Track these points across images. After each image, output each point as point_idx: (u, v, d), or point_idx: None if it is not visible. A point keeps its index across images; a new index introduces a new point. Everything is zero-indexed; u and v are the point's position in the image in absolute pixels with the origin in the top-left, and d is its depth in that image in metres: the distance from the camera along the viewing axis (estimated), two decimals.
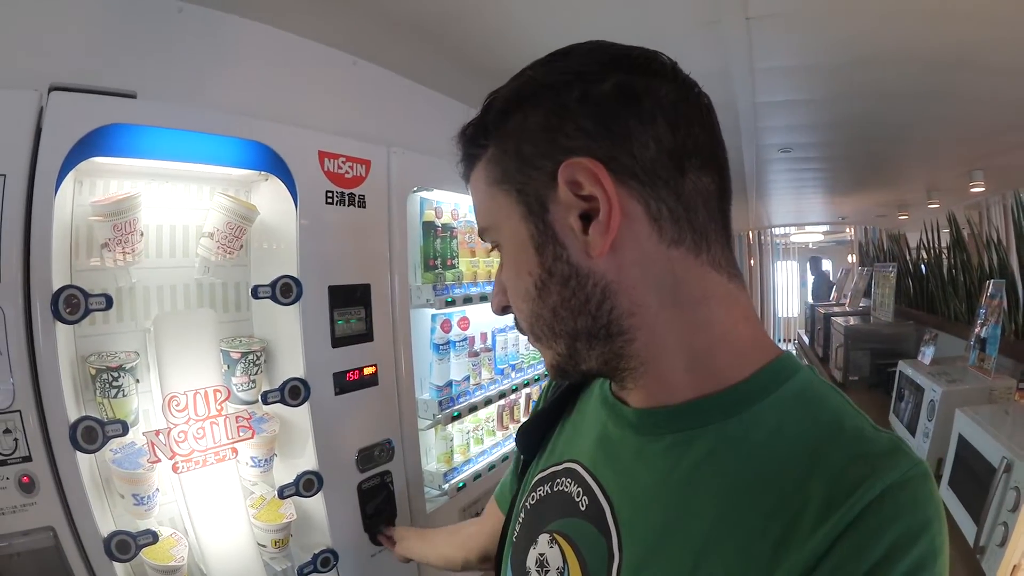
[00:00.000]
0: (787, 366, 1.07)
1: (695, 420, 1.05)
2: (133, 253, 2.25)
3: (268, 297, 2.44)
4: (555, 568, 1.17)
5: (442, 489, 3.35)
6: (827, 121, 6.49)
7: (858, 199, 13.94)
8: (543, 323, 1.11)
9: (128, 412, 2.26)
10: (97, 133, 2.02)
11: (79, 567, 2.00)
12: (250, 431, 2.40)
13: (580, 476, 1.22)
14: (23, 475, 1.91)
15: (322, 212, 2.63)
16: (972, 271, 4.96)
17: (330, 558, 2.61)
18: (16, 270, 1.89)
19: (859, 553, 0.84)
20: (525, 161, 1.05)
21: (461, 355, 3.54)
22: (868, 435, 0.95)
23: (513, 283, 1.14)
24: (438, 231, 3.38)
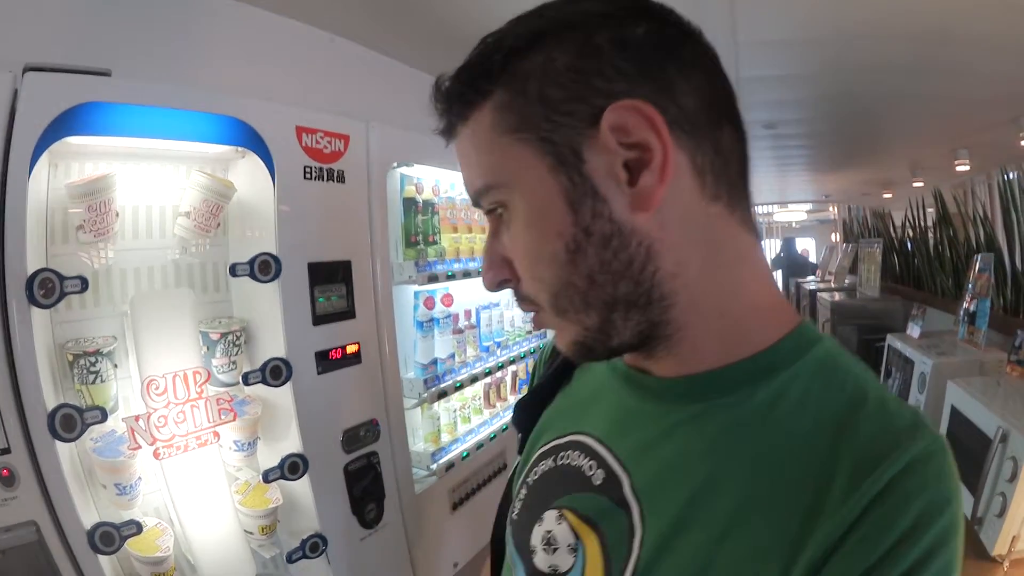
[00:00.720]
0: (810, 333, 1.02)
1: (723, 388, 1.00)
2: (108, 234, 2.20)
3: (247, 275, 2.40)
4: (566, 545, 1.09)
5: (430, 470, 3.33)
6: (811, 96, 6.49)
7: (842, 177, 14.05)
8: (574, 293, 0.97)
9: (107, 398, 2.22)
10: (72, 112, 1.98)
11: (64, 562, 1.96)
12: (232, 413, 2.36)
13: (591, 448, 1.15)
14: (3, 468, 1.87)
15: (300, 187, 2.59)
16: (959, 246, 4.99)
17: (319, 543, 2.58)
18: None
19: (888, 523, 0.81)
20: (552, 106, 0.93)
21: (445, 332, 3.51)
22: (892, 407, 0.92)
23: (532, 249, 1.00)
24: (419, 207, 3.34)
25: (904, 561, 0.79)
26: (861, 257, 6.62)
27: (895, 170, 12.16)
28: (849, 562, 0.81)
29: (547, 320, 1.05)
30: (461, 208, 3.71)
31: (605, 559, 1.03)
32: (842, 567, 0.81)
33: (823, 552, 0.82)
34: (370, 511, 2.82)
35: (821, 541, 0.83)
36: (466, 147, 1.04)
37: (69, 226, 2.20)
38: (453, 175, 3.69)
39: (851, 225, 9.79)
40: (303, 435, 2.54)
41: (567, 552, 1.08)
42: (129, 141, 2.25)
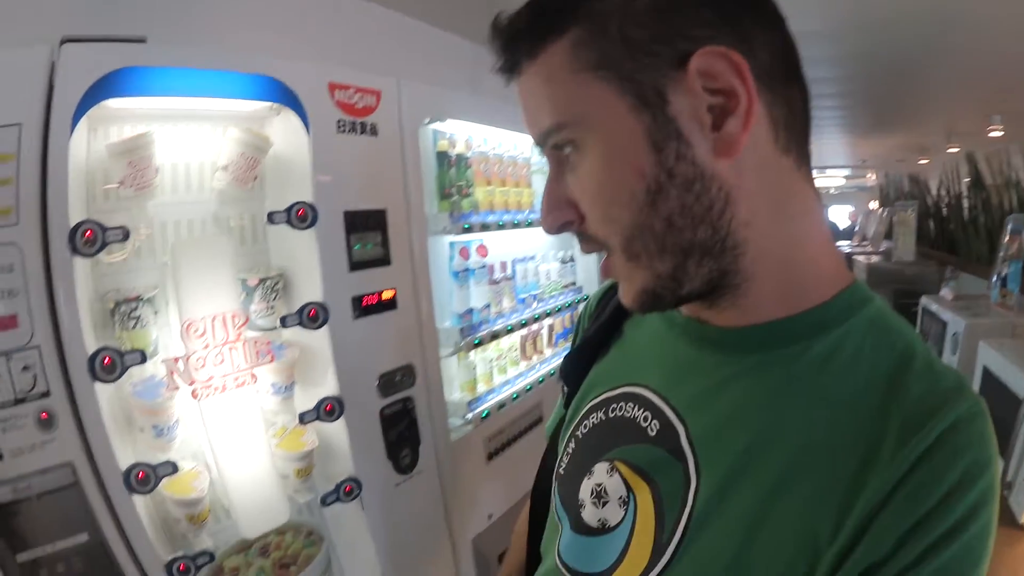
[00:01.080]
0: (864, 292, 1.05)
1: (782, 340, 1.02)
2: (149, 188, 2.24)
3: (284, 222, 2.42)
4: (616, 498, 1.12)
5: (466, 419, 3.34)
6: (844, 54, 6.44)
7: (878, 141, 13.93)
8: (650, 236, 0.97)
9: (147, 343, 2.25)
10: (109, 77, 2.01)
11: (99, 503, 1.99)
12: (269, 356, 2.37)
13: (646, 399, 1.16)
14: (42, 411, 1.90)
15: (334, 140, 2.60)
16: (992, 211, 4.94)
17: (353, 487, 2.60)
18: (33, 211, 1.90)
19: (935, 479, 0.84)
20: (634, 45, 0.93)
21: (481, 283, 3.52)
22: (938, 368, 0.95)
23: (607, 189, 0.99)
24: (452, 161, 3.35)
25: (949, 518, 0.82)
26: (896, 221, 6.57)
27: (930, 136, 12.07)
28: (898, 516, 0.84)
29: (616, 265, 1.05)
30: (494, 162, 3.70)
31: (657, 512, 1.05)
32: (891, 521, 0.84)
33: (873, 506, 0.85)
34: (405, 456, 2.84)
35: (871, 495, 0.85)
36: (534, 84, 1.03)
37: (109, 188, 2.24)
38: (485, 130, 3.69)
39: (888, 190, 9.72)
40: (339, 378, 2.55)
41: (618, 505, 1.11)
42: (166, 103, 2.28)
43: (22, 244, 1.88)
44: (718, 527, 0.97)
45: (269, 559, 2.54)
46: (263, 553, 2.58)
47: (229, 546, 2.56)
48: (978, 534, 0.83)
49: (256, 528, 2.43)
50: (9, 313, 1.87)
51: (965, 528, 0.82)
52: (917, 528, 0.83)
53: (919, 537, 0.82)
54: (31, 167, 1.89)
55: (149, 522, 2.18)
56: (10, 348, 1.87)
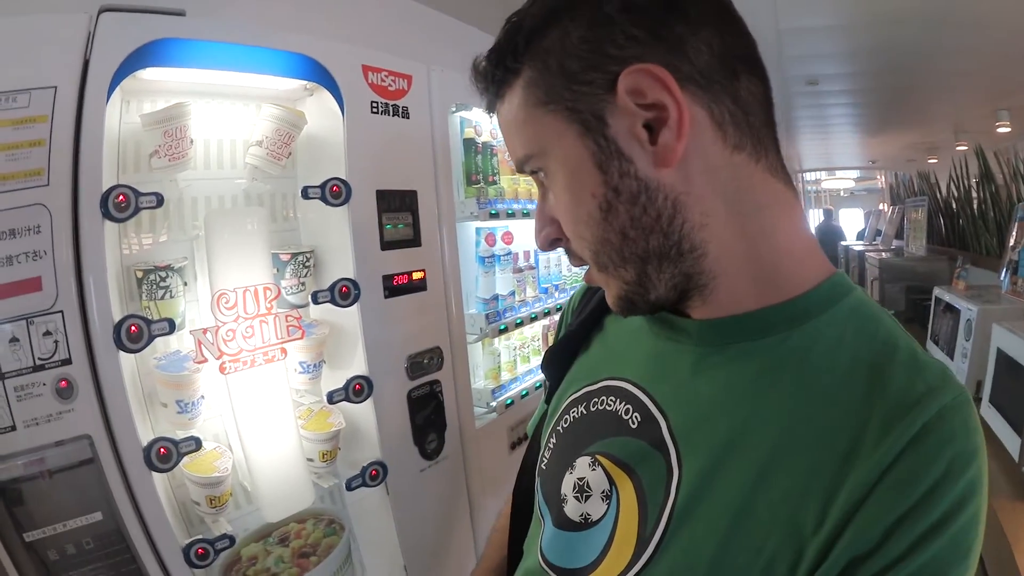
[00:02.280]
0: (844, 283, 1.07)
1: (760, 331, 1.04)
2: (183, 159, 2.19)
3: (318, 198, 2.39)
4: (599, 491, 1.14)
5: (490, 406, 3.32)
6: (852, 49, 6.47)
7: (887, 141, 14.00)
8: (610, 248, 1.04)
9: (175, 314, 2.21)
10: (146, 48, 2.00)
11: (116, 480, 1.93)
12: (300, 331, 2.33)
13: (628, 392, 1.18)
14: (61, 379, 1.84)
15: (368, 120, 2.59)
16: (1001, 204, 4.97)
17: (379, 471, 2.56)
18: (65, 174, 1.86)
19: (920, 469, 0.85)
20: (572, 77, 0.99)
21: (506, 270, 3.51)
22: (921, 357, 0.96)
23: (571, 210, 1.06)
24: (478, 148, 3.35)
25: (935, 511, 0.83)
26: (907, 216, 6.60)
27: (938, 134, 12.18)
28: (883, 507, 0.84)
29: (594, 276, 1.12)
30: None
31: (640, 505, 1.07)
32: (877, 512, 0.85)
33: (858, 496, 0.86)
34: (431, 441, 2.80)
35: (855, 486, 0.86)
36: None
37: (141, 157, 2.21)
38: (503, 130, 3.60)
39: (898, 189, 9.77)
40: (368, 358, 2.52)
41: (600, 499, 1.13)
42: (201, 78, 2.26)
43: (51, 205, 1.83)
44: (702, 518, 0.98)
45: (288, 548, 2.50)
46: (283, 541, 2.53)
47: (249, 533, 2.51)
48: (966, 526, 0.84)
49: (279, 512, 2.39)
50: (33, 275, 1.82)
51: (953, 520, 0.83)
52: (903, 520, 0.83)
53: (906, 530, 0.83)
54: (65, 131, 1.85)
55: (167, 503, 2.13)
56: (32, 312, 1.82)
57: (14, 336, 1.79)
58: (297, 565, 2.43)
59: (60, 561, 1.86)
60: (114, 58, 1.91)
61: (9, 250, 1.79)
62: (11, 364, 1.79)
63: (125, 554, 1.94)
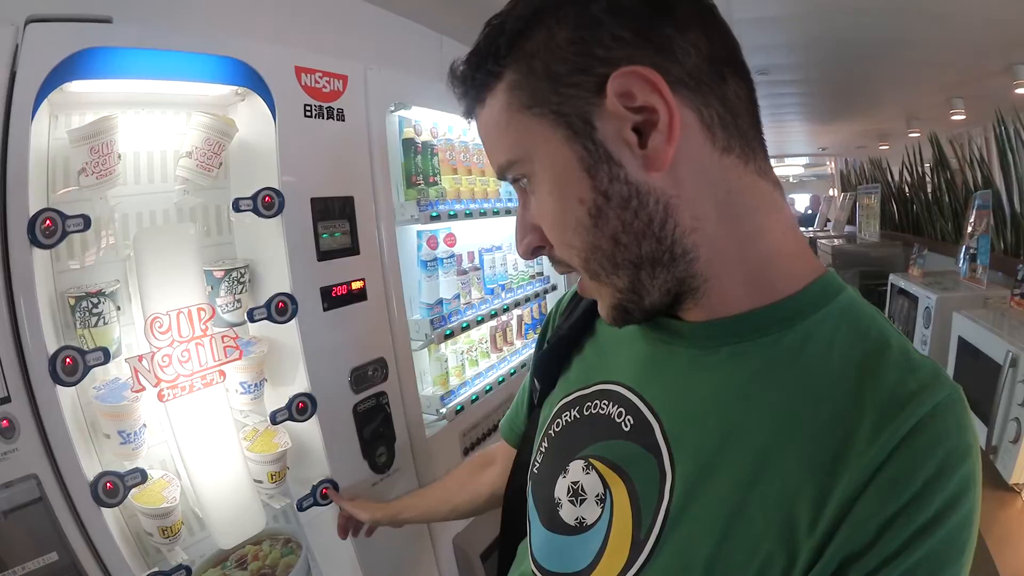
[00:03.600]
0: (835, 282, 1.07)
1: (752, 332, 1.04)
2: (111, 175, 2.14)
3: (250, 210, 2.34)
4: (593, 495, 1.14)
5: (440, 413, 3.29)
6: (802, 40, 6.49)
7: (838, 128, 14.10)
8: (601, 255, 1.03)
9: (110, 341, 2.15)
10: (73, 58, 1.93)
11: (67, 519, 1.88)
12: (237, 351, 2.28)
13: (620, 396, 1.18)
14: (3, 419, 1.79)
15: (301, 125, 2.54)
16: (956, 190, 5.09)
17: (330, 489, 2.52)
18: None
19: (913, 468, 0.85)
20: (558, 80, 0.98)
21: (450, 273, 3.49)
22: (914, 356, 0.96)
23: (558, 217, 1.04)
24: (418, 148, 3.31)
25: (929, 508, 0.84)
26: (860, 203, 6.66)
27: (891, 121, 12.24)
28: (877, 505, 0.85)
29: (586, 285, 1.12)
30: (460, 150, 3.69)
31: (634, 508, 1.07)
32: (870, 509, 0.85)
33: (851, 494, 0.86)
34: (381, 455, 2.77)
35: (849, 484, 0.87)
36: (486, 126, 1.10)
37: (70, 174, 2.13)
38: (450, 118, 3.67)
39: (848, 176, 9.85)
40: (310, 373, 2.48)
41: (595, 503, 1.13)
42: (129, 88, 2.20)
43: None
44: (696, 520, 0.99)
45: (248, 570, 2.47)
46: (240, 564, 2.50)
47: (205, 559, 2.47)
48: (960, 523, 0.85)
49: (233, 538, 2.34)
50: None
51: (947, 518, 0.84)
52: (896, 518, 0.84)
53: (900, 527, 0.84)
54: None
55: (121, 537, 2.08)
56: None
57: None
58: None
59: None
60: (40, 70, 1.86)
61: None
62: None
63: None
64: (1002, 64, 7.24)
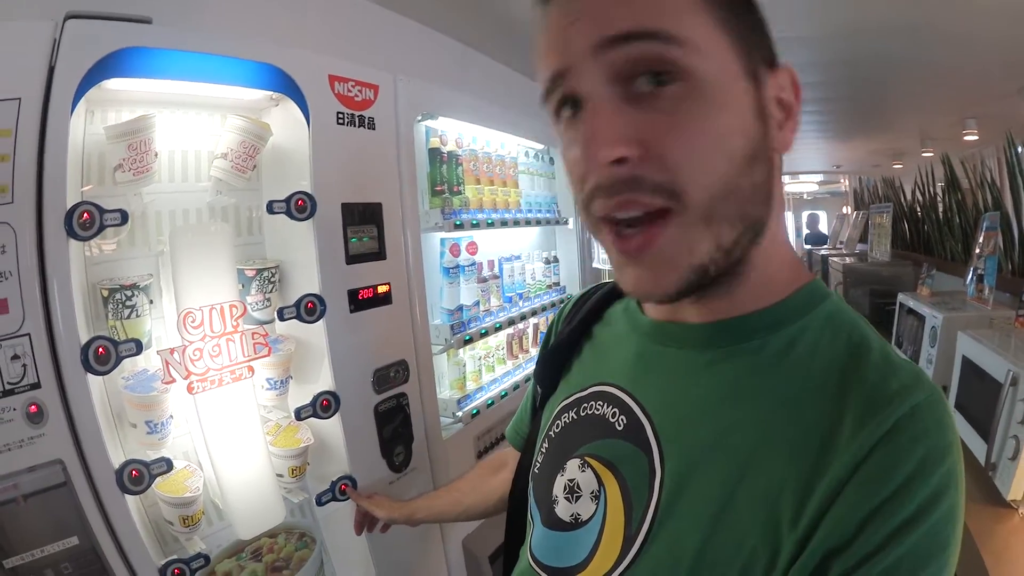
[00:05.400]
0: (821, 288, 1.09)
1: (743, 335, 1.05)
2: (147, 172, 2.16)
3: (283, 212, 2.35)
4: (588, 492, 1.15)
5: (456, 416, 3.31)
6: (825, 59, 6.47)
7: (853, 146, 14.07)
8: (735, 199, 0.93)
9: (142, 333, 2.17)
10: (112, 56, 1.94)
11: (89, 504, 1.88)
12: (266, 348, 2.30)
13: (614, 396, 1.19)
14: (31, 404, 1.79)
15: (333, 132, 2.55)
16: (967, 212, 5.07)
17: (348, 485, 2.52)
18: (29, 190, 1.79)
19: (892, 464, 0.86)
20: (754, 27, 0.98)
21: (470, 280, 3.50)
22: (894, 359, 0.97)
23: (712, 136, 0.90)
24: (443, 157, 3.33)
25: (909, 505, 0.84)
26: (872, 222, 6.63)
27: (905, 140, 12.22)
28: (857, 500, 0.85)
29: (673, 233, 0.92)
30: (483, 161, 3.70)
31: (626, 504, 1.08)
32: (850, 505, 0.86)
33: (832, 490, 0.87)
34: (399, 454, 2.78)
35: (830, 480, 0.88)
36: None
37: (106, 170, 2.15)
38: (475, 129, 3.69)
39: (862, 194, 9.81)
40: (335, 373, 2.49)
41: (589, 499, 1.14)
42: (165, 88, 2.21)
43: (16, 224, 1.77)
44: (683, 515, 0.99)
45: (262, 563, 2.49)
46: (255, 556, 2.52)
47: (222, 549, 2.49)
48: (942, 519, 0.85)
49: (252, 529, 2.35)
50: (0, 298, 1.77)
51: (928, 514, 0.84)
52: (876, 513, 0.84)
53: (880, 523, 0.84)
54: (29, 145, 1.78)
55: (141, 524, 2.09)
56: None
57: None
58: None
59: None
60: (80, 67, 1.86)
61: None
62: None
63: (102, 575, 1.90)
64: (1015, 85, 7.23)
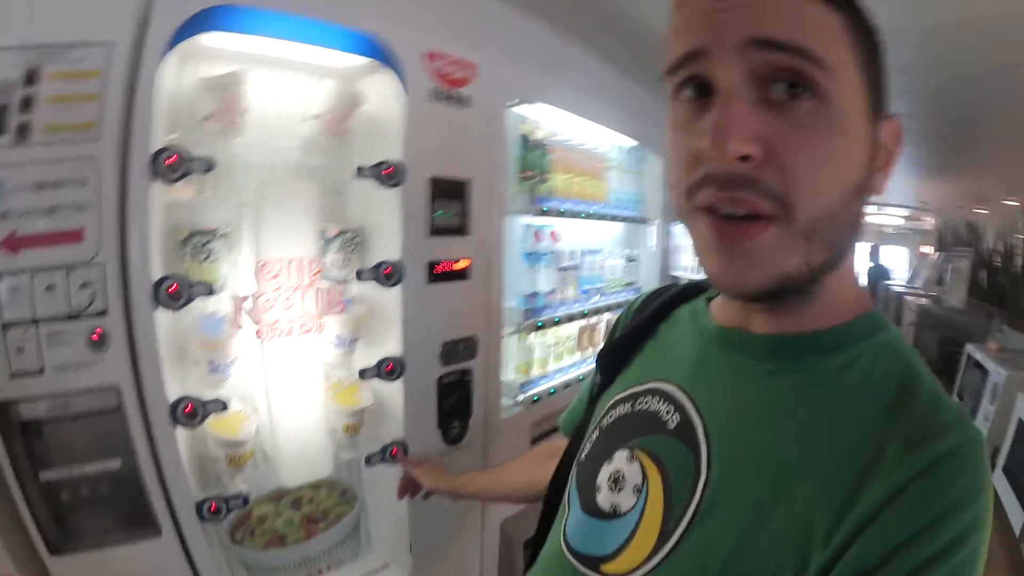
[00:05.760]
0: (880, 319, 1.10)
1: (803, 352, 1.06)
2: (237, 125, 2.18)
3: (371, 178, 2.36)
4: (632, 484, 1.16)
5: (516, 400, 3.30)
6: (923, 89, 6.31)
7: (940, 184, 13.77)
8: (834, 227, 0.97)
9: (216, 277, 2.18)
10: (208, 11, 1.96)
11: (139, 431, 1.91)
12: (340, 306, 2.33)
13: (671, 395, 1.20)
14: (95, 330, 1.83)
15: (428, 106, 2.55)
16: None
17: (399, 450, 2.54)
18: (116, 130, 1.81)
19: (929, 497, 0.86)
20: (880, 75, 1.01)
21: (550, 267, 3.48)
22: (943, 398, 0.98)
23: (834, 162, 0.94)
24: (534, 144, 3.33)
25: (937, 541, 0.84)
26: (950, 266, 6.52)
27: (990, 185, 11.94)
28: (889, 529, 0.86)
29: (771, 237, 0.95)
30: (573, 152, 3.69)
31: (667, 501, 1.09)
32: (882, 532, 0.86)
33: (867, 514, 0.88)
34: (454, 428, 2.79)
35: (867, 505, 0.88)
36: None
37: (195, 119, 2.16)
38: (567, 118, 3.66)
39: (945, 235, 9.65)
40: (405, 339, 2.51)
41: (631, 492, 1.15)
42: (261, 45, 2.22)
43: (100, 160, 1.80)
44: (720, 520, 1.00)
45: (299, 512, 2.52)
46: (294, 505, 2.55)
47: (263, 493, 2.53)
48: (965, 561, 0.85)
49: (296, 478, 2.39)
50: (76, 227, 1.80)
51: (953, 553, 0.84)
52: (907, 545, 0.84)
53: (908, 554, 0.84)
54: (119, 87, 1.81)
55: (187, 458, 2.12)
56: (71, 262, 1.79)
57: (51, 284, 1.78)
58: (304, 530, 2.44)
59: (72, 502, 1.86)
60: (174, 19, 1.88)
61: (54, 200, 1.77)
62: (46, 311, 1.77)
63: (139, 501, 1.94)
64: None
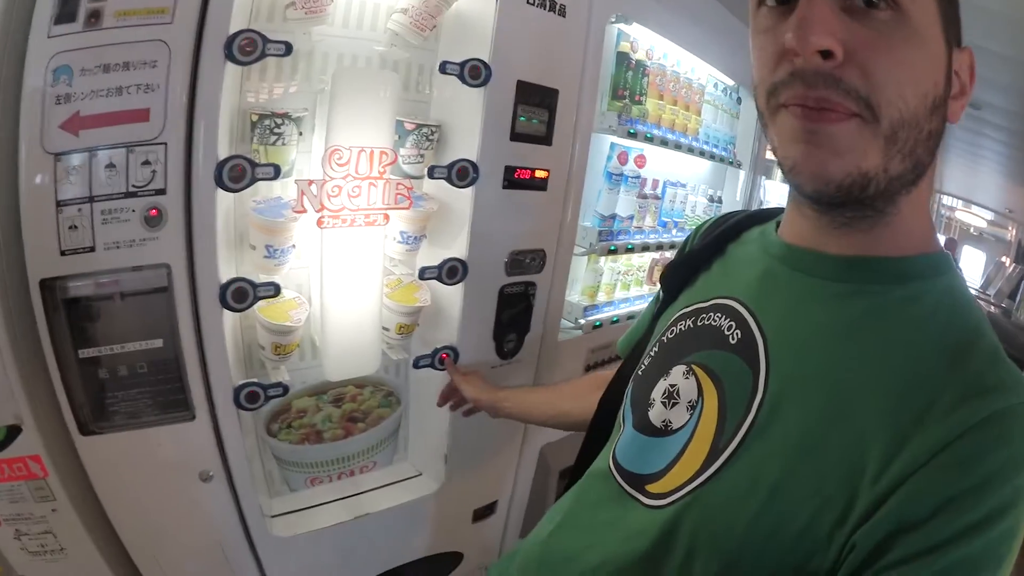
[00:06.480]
0: (949, 261, 1.08)
1: (875, 276, 1.05)
2: (320, 13, 2.09)
3: (455, 75, 2.27)
4: (686, 401, 1.16)
5: (577, 323, 3.24)
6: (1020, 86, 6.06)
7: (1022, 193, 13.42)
8: (915, 135, 0.96)
9: (284, 161, 2.12)
10: None
11: (185, 312, 1.89)
12: (408, 201, 2.23)
13: (734, 310, 1.19)
14: (152, 207, 1.79)
15: (522, 9, 2.43)
16: None
17: (449, 355, 2.49)
18: (192, 15, 1.77)
19: (977, 456, 0.85)
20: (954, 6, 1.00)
21: (631, 192, 3.38)
22: (1001, 354, 0.96)
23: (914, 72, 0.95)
24: (631, 64, 3.21)
25: (983, 505, 0.83)
26: None
27: None
28: (936, 482, 0.85)
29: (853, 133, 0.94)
30: (671, 79, 3.57)
31: (720, 417, 1.08)
32: (929, 484, 0.85)
33: (919, 459, 0.86)
34: (510, 341, 2.73)
35: (917, 449, 0.87)
36: None
37: (276, 8, 2.10)
38: (667, 44, 3.54)
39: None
40: (471, 243, 2.44)
41: (685, 408, 1.15)
42: None
43: (171, 43, 1.75)
44: (773, 441, 1.00)
45: (340, 409, 2.50)
46: (336, 401, 2.53)
47: (305, 386, 2.49)
48: (1003, 534, 0.83)
49: (342, 372, 2.34)
50: (141, 107, 1.75)
51: (992, 525, 0.83)
52: (947, 507, 0.83)
53: (953, 515, 0.83)
54: None
55: (232, 342, 2.10)
56: (134, 140, 1.76)
57: (111, 163, 1.73)
58: (343, 428, 2.45)
59: (110, 380, 1.84)
60: None
61: (121, 81, 1.71)
62: (103, 189, 1.73)
63: (176, 383, 1.91)
64: None
